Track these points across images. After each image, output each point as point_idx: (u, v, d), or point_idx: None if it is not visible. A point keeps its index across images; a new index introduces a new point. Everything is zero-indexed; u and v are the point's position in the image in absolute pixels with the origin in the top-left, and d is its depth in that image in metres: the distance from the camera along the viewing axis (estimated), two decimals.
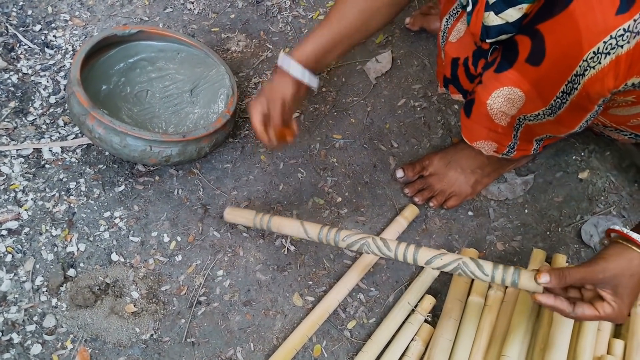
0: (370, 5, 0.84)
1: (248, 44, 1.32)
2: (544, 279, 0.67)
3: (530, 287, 0.71)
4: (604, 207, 1.06)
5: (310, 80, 0.87)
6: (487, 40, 0.69)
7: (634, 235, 0.65)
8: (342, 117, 1.19)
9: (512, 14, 0.64)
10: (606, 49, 0.58)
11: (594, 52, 0.58)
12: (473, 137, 0.86)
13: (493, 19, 0.66)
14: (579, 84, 0.62)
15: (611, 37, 0.57)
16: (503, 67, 0.69)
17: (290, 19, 1.36)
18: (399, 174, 1.08)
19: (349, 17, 0.85)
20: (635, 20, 0.56)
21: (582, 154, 1.11)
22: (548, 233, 1.04)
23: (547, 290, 0.69)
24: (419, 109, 1.19)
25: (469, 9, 0.71)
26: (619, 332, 0.90)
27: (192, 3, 1.39)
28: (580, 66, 0.60)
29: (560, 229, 1.04)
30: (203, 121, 1.11)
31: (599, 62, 0.59)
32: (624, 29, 0.56)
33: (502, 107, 0.73)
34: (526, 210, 1.07)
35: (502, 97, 0.71)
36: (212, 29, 1.34)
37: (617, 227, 0.68)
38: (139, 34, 1.12)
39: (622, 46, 0.57)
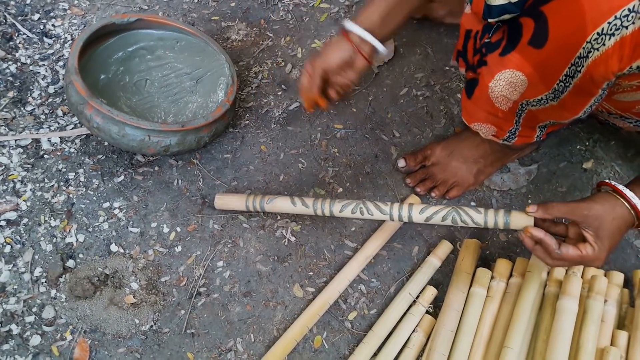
0: None
1: (248, 32, 1.30)
2: (532, 208, 0.76)
3: (521, 223, 0.78)
4: None
5: (374, 42, 0.84)
6: (489, 20, 0.67)
7: (621, 187, 0.72)
8: (343, 107, 1.18)
9: None
10: (610, 29, 0.56)
11: (597, 34, 0.57)
12: (472, 119, 0.85)
13: None
14: (583, 66, 0.61)
15: (615, 18, 0.55)
16: (507, 50, 0.67)
17: (291, 7, 1.34)
18: (401, 163, 1.07)
19: None
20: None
21: (587, 143, 1.10)
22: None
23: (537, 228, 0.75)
24: (421, 98, 1.17)
25: None
26: (622, 323, 0.88)
27: None
28: (583, 48, 0.59)
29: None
30: (202, 110, 1.10)
31: (603, 44, 0.58)
32: (628, 9, 0.55)
33: (504, 91, 0.71)
34: (530, 201, 1.05)
35: (504, 80, 0.70)
36: (212, 18, 1.32)
37: (607, 181, 0.74)
38: (138, 23, 1.11)
39: (626, 27, 0.56)
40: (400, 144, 1.12)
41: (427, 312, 0.93)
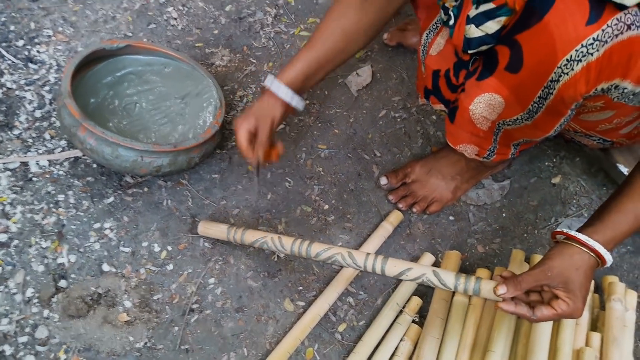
0: (352, 27, 0.89)
1: (232, 58, 1.35)
2: (501, 290, 0.73)
3: (492, 297, 0.76)
4: (576, 210, 1.12)
5: (297, 102, 0.92)
6: (469, 51, 0.74)
7: (572, 233, 0.72)
8: (326, 128, 1.23)
9: (492, 26, 0.70)
10: (578, 56, 0.64)
11: (567, 60, 0.64)
12: (457, 141, 0.91)
13: (474, 32, 0.72)
14: (554, 89, 0.68)
15: (582, 46, 0.63)
16: (484, 75, 0.74)
17: (272, 35, 1.40)
18: (383, 181, 1.12)
19: (333, 39, 0.90)
20: (603, 30, 0.62)
21: (554, 160, 1.18)
22: (525, 235, 1.10)
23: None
24: (399, 119, 1.24)
25: (451, 22, 0.76)
26: (595, 326, 0.95)
27: (176, 19, 1.42)
28: (555, 73, 0.66)
29: (536, 231, 1.10)
30: (192, 132, 1.13)
31: (572, 69, 0.65)
32: (593, 38, 0.62)
33: (484, 112, 0.78)
34: (504, 214, 1.12)
35: (483, 102, 0.76)
36: (196, 44, 1.37)
37: (558, 229, 0.75)
38: (127, 48, 1.14)
39: (592, 54, 0.63)
40: (381, 162, 1.18)
41: (413, 321, 0.98)
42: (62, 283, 1.02)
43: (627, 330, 0.92)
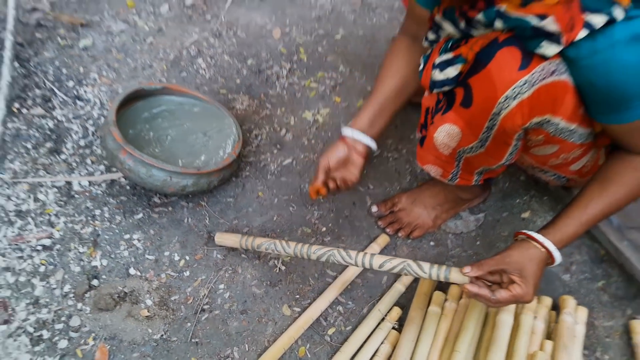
0: (406, 72, 1.10)
1: (250, 103, 1.57)
2: (467, 269, 0.92)
3: (459, 280, 0.94)
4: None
5: (369, 142, 1.10)
6: (434, 91, 0.94)
7: (530, 233, 0.91)
8: None
9: (451, 72, 0.90)
10: (513, 94, 0.82)
11: (505, 97, 0.83)
12: (423, 162, 1.09)
13: (438, 75, 0.92)
14: (497, 120, 0.87)
15: (516, 86, 0.82)
16: (446, 110, 0.94)
17: (286, 85, 1.62)
18: (374, 209, 1.30)
19: (392, 85, 1.10)
20: (532, 74, 0.81)
21: (525, 198, 1.35)
22: None
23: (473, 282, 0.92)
24: (391, 159, 1.43)
25: (420, 67, 0.96)
26: (549, 335, 1.09)
27: (204, 69, 1.66)
28: (496, 107, 0.85)
29: None
30: (213, 161, 1.33)
31: (509, 104, 0.84)
32: (524, 81, 0.81)
33: (445, 140, 0.97)
34: (478, 242, 1.29)
35: (444, 132, 0.95)
36: (221, 90, 1.59)
37: (520, 231, 0.94)
38: (163, 90, 1.37)
39: (524, 93, 0.82)
40: (374, 194, 1.36)
41: (393, 328, 1.13)
42: (95, 282, 1.19)
43: (577, 340, 1.06)
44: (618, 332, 1.16)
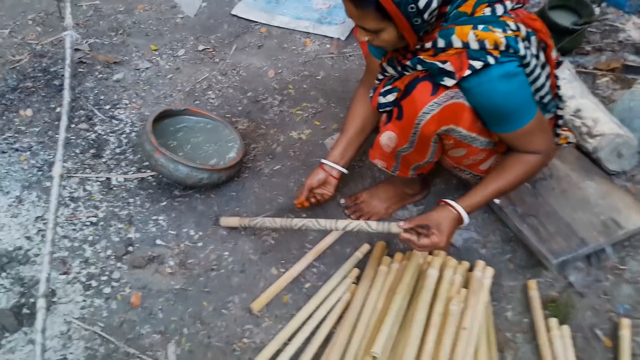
0: (366, 115, 1.59)
1: (249, 125, 2.01)
2: (401, 223, 1.33)
3: (396, 231, 1.36)
4: (466, 225, 1.71)
5: (339, 167, 1.60)
6: (380, 110, 1.38)
7: (447, 201, 1.33)
8: (309, 169, 1.85)
9: (390, 98, 1.34)
10: (428, 111, 1.26)
11: (422, 112, 1.27)
12: (373, 157, 1.52)
13: (382, 100, 1.36)
14: (419, 128, 1.30)
15: (429, 105, 1.26)
16: (387, 122, 1.38)
17: (277, 112, 2.07)
18: (342, 201, 1.73)
19: (355, 126, 1.60)
20: (439, 98, 1.25)
21: (455, 195, 1.76)
22: None
23: (406, 232, 1.33)
24: (356, 167, 1.87)
25: (370, 94, 1.42)
26: (466, 286, 1.50)
27: (213, 99, 2.11)
28: (417, 119, 1.28)
29: None
30: (222, 162, 1.76)
31: (425, 118, 1.27)
32: (434, 102, 1.25)
33: (386, 142, 1.40)
34: None
35: (386, 136, 1.39)
36: (226, 115, 2.04)
37: (442, 199, 1.35)
38: (184, 111, 1.81)
39: (434, 109, 1.26)
40: (344, 192, 1.79)
41: (353, 283, 1.53)
42: (130, 248, 1.59)
43: (483, 289, 1.47)
44: (518, 289, 1.57)
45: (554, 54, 1.38)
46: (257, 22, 2.47)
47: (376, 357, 1.31)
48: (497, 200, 1.69)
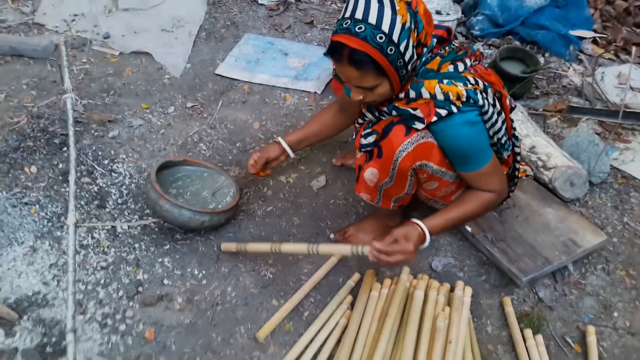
0: (329, 123, 1.87)
1: (240, 172, 2.19)
2: (375, 243, 1.46)
3: (368, 252, 1.49)
4: (444, 252, 1.90)
5: (290, 153, 1.84)
6: (361, 150, 1.59)
7: (414, 220, 1.52)
8: (299, 210, 2.03)
9: (370, 139, 1.55)
10: (403, 149, 1.47)
11: (399, 151, 1.48)
12: (359, 191, 1.70)
13: (364, 141, 1.57)
14: (397, 164, 1.51)
15: (404, 145, 1.47)
16: (368, 160, 1.58)
17: None
18: (332, 236, 1.90)
19: (316, 127, 1.88)
20: (412, 138, 1.45)
21: None
22: (412, 265, 1.86)
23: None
24: (341, 205, 2.06)
25: (353, 137, 1.63)
26: (449, 304, 1.67)
27: (205, 150, 2.28)
28: (395, 156, 1.49)
29: (421, 261, 1.87)
30: (220, 206, 1.92)
31: (401, 155, 1.48)
32: (408, 142, 1.47)
33: (370, 177, 1.60)
34: None
35: (369, 172, 1.59)
36: (218, 164, 2.21)
37: (409, 219, 1.54)
38: (183, 162, 1.98)
39: (408, 148, 1.47)
40: (331, 227, 1.96)
41: (347, 309, 1.69)
42: (140, 289, 1.71)
43: (464, 306, 1.65)
44: (495, 307, 1.75)
45: (508, 101, 1.62)
46: (239, 80, 2.69)
47: None
48: (469, 228, 1.90)
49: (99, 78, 2.69)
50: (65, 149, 2.17)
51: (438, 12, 2.81)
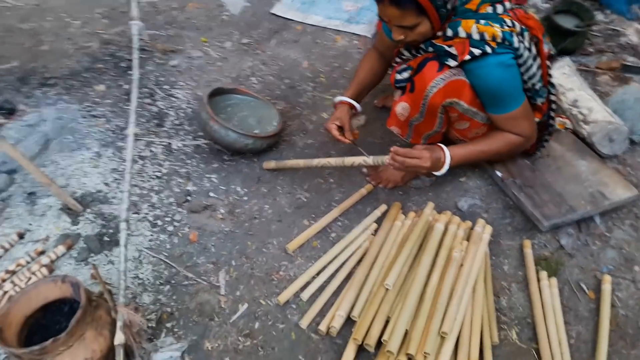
0: (375, 68, 1.90)
1: (286, 106, 2.33)
2: (394, 147, 1.59)
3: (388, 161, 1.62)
4: (472, 194, 1.99)
5: (357, 105, 1.88)
6: (396, 85, 1.68)
7: (438, 144, 1.62)
8: (337, 145, 2.16)
9: (405, 75, 1.64)
10: (434, 85, 1.56)
11: (430, 86, 1.56)
12: (390, 124, 1.81)
13: (398, 76, 1.66)
14: (427, 99, 1.60)
15: (435, 80, 1.55)
16: (402, 94, 1.68)
17: (310, 96, 2.38)
18: (364, 170, 2.03)
19: (368, 74, 1.92)
20: (444, 74, 1.53)
21: (463, 172, 2.07)
22: (439, 203, 1.96)
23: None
24: (377, 143, 2.16)
25: (390, 72, 1.72)
26: (468, 239, 1.78)
27: (256, 84, 2.43)
28: (426, 92, 1.58)
29: (447, 201, 1.97)
30: (264, 132, 2.08)
31: (432, 91, 1.56)
32: (440, 78, 1.55)
33: (400, 111, 1.70)
34: (429, 193, 1.99)
35: (400, 107, 1.68)
36: (266, 97, 2.36)
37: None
38: (233, 90, 2.14)
39: (440, 84, 1.55)
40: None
41: (372, 234, 1.83)
42: (188, 198, 1.91)
43: (482, 243, 1.75)
44: (515, 248, 1.84)
45: (545, 48, 1.66)
46: (293, 20, 2.80)
47: (388, 289, 1.60)
48: (499, 173, 1.97)
49: (164, 11, 2.87)
50: (130, 72, 2.37)
51: None
